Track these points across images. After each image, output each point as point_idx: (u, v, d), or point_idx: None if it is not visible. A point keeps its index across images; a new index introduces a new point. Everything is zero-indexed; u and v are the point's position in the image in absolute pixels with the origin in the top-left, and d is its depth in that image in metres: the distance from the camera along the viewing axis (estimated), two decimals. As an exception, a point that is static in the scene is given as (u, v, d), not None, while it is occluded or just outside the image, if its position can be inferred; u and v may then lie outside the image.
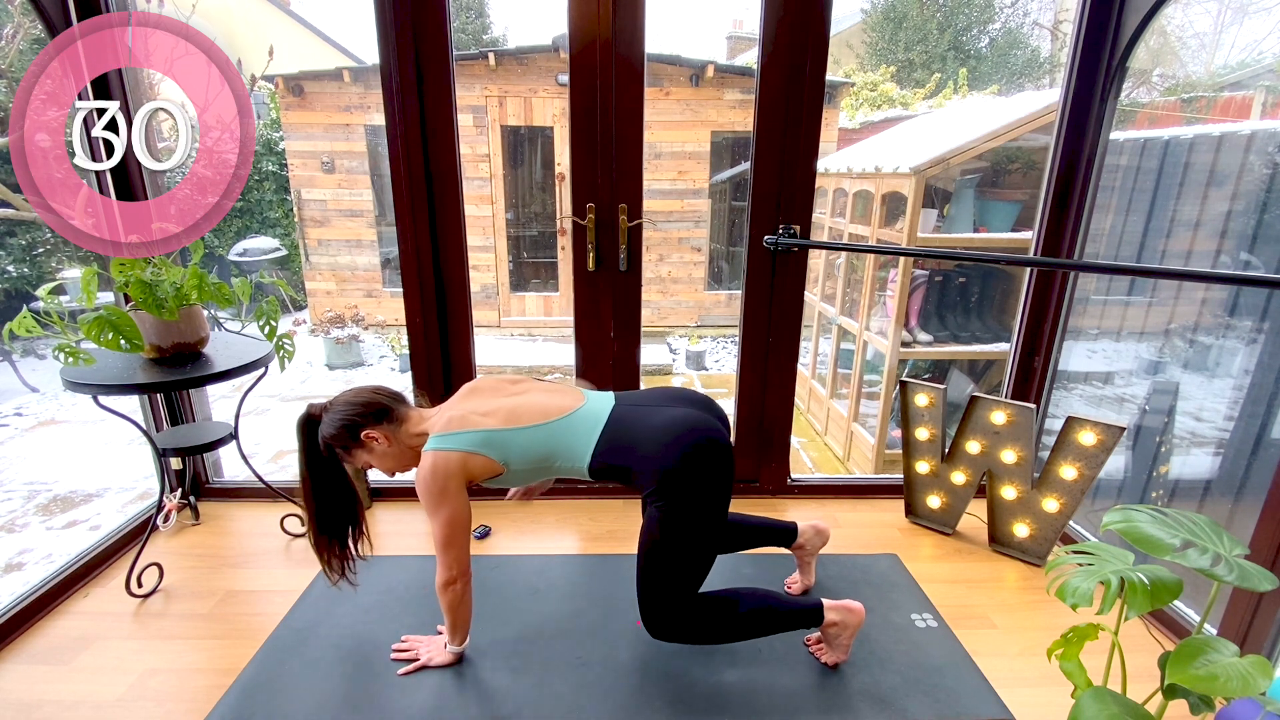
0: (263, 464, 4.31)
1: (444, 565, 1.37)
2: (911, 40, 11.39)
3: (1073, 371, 2.95)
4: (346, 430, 1.41)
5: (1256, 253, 2.20)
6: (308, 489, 1.47)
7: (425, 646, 1.50)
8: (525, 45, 6.96)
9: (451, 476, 1.35)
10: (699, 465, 1.33)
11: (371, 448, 1.42)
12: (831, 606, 1.45)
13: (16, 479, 4.11)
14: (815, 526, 1.74)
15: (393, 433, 1.43)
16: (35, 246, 5.96)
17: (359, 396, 1.46)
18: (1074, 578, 1.04)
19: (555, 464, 1.41)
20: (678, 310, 7.79)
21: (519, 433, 1.39)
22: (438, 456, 1.35)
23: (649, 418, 1.40)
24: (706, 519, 1.36)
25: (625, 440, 1.38)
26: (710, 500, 1.36)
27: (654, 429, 1.37)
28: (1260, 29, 5.97)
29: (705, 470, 1.34)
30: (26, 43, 4.17)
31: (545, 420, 1.41)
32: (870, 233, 4.22)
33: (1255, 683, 0.89)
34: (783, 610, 1.43)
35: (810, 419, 5.27)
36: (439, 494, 1.34)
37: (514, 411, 1.42)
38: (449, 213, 2.04)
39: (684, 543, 1.34)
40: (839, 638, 1.47)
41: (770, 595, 1.45)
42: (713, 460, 1.34)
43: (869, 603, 1.70)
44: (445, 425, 1.39)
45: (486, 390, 1.53)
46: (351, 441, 1.42)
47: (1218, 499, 2.18)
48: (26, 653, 1.56)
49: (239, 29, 10.21)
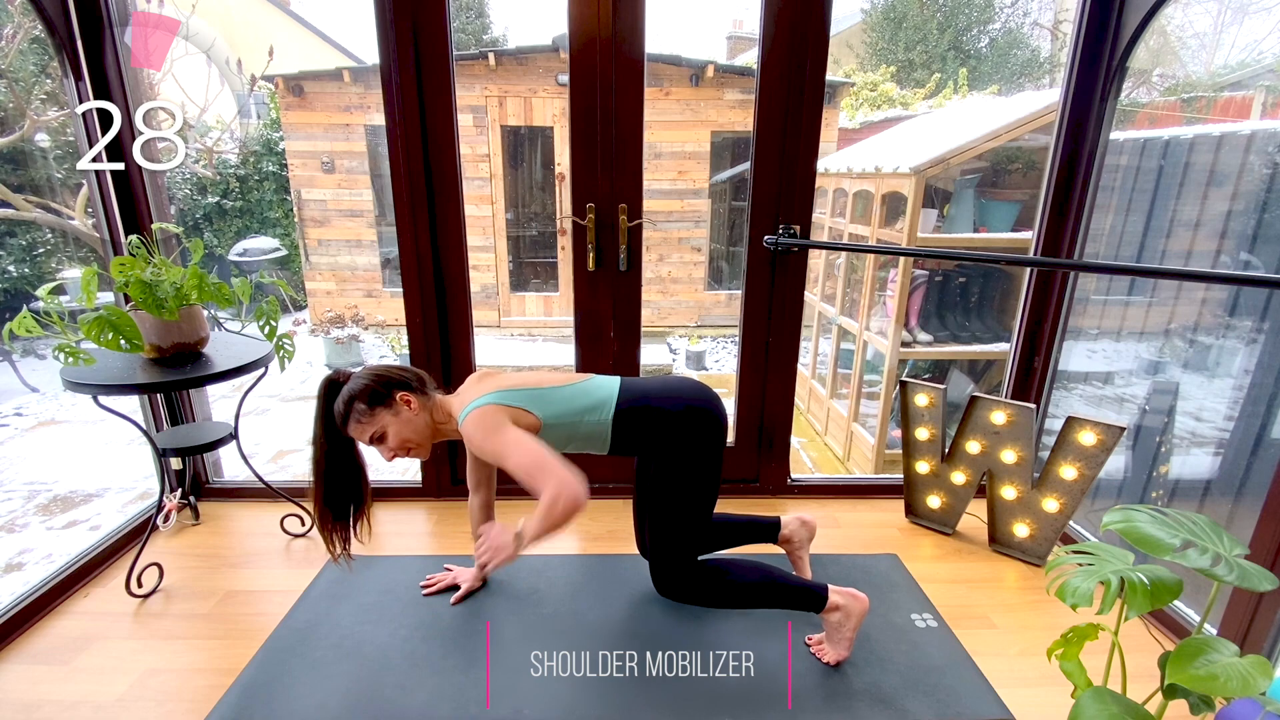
0: (263, 464, 4.31)
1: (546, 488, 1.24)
2: (911, 40, 11.38)
3: (1073, 371, 2.95)
4: (381, 385, 1.42)
5: (1256, 253, 2.20)
6: (320, 454, 1.46)
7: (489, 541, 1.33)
8: (525, 45, 6.96)
9: (500, 416, 1.36)
10: (712, 420, 1.45)
11: (399, 411, 1.42)
12: (837, 591, 1.47)
13: (16, 479, 4.10)
14: (800, 518, 1.75)
15: (424, 403, 1.46)
16: (35, 246, 5.96)
17: (398, 368, 1.49)
18: (1074, 578, 1.04)
19: (585, 418, 1.44)
20: (678, 310, 7.79)
21: (551, 391, 1.45)
22: (483, 409, 1.37)
23: (655, 382, 1.53)
24: (708, 475, 1.48)
25: (641, 395, 1.48)
26: (711, 460, 1.47)
27: (665, 385, 1.51)
28: (1260, 29, 5.97)
29: (711, 427, 1.45)
30: (26, 43, 4.17)
31: (569, 383, 1.49)
32: (870, 233, 4.22)
33: (1255, 683, 0.89)
34: (788, 585, 1.48)
35: (810, 419, 5.27)
36: (495, 429, 1.33)
37: (539, 381, 1.48)
38: (449, 213, 2.04)
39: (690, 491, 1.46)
40: (842, 628, 1.47)
41: (777, 570, 1.51)
42: (715, 423, 1.46)
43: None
44: (479, 392, 1.42)
45: (502, 374, 1.55)
46: (381, 400, 1.41)
47: (1218, 499, 2.18)
48: (26, 653, 1.56)
49: (239, 29, 10.21)
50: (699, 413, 1.45)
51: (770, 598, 1.48)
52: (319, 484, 1.48)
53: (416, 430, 1.44)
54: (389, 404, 1.42)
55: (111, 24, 1.84)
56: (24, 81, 5.04)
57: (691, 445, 1.45)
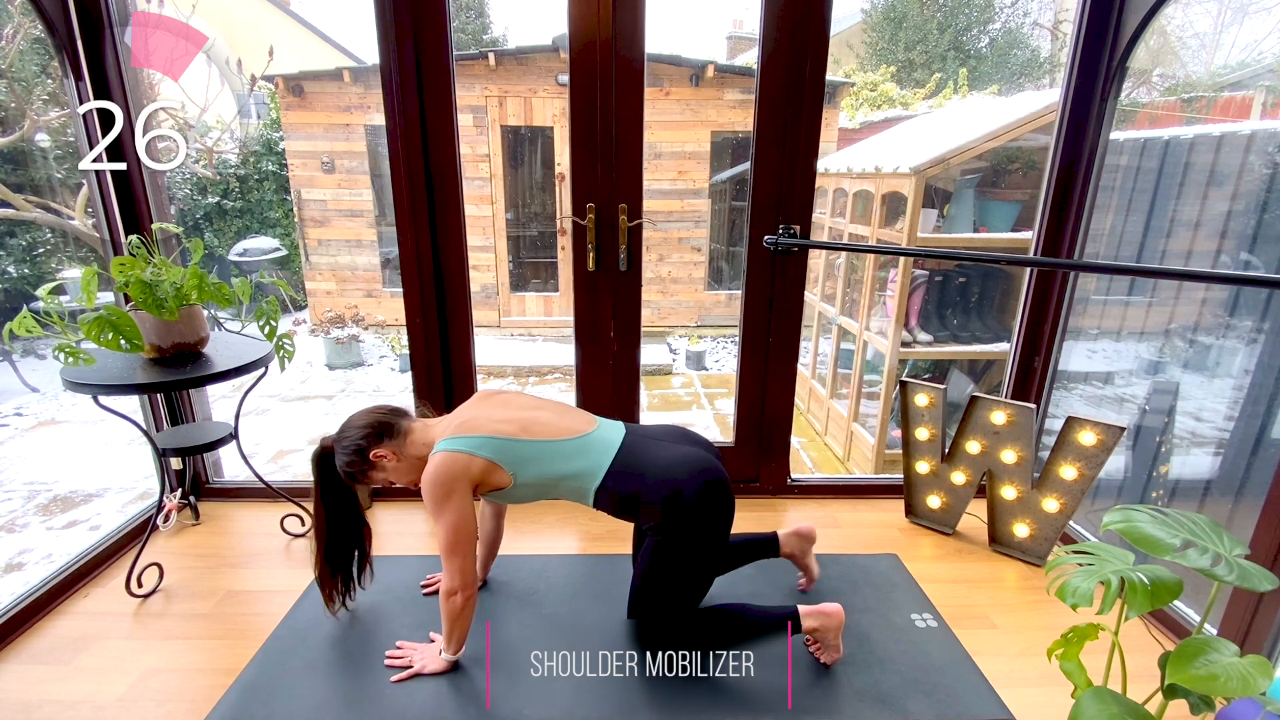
0: (263, 464, 4.31)
1: (448, 573, 1.35)
2: (911, 40, 11.38)
3: (1073, 371, 2.95)
4: (358, 455, 1.43)
5: (1256, 253, 2.20)
6: (320, 522, 1.50)
7: (419, 654, 1.48)
8: (525, 45, 6.96)
9: (458, 478, 1.34)
10: (708, 504, 1.37)
11: (383, 466, 1.44)
12: (808, 614, 1.46)
13: (16, 479, 4.11)
14: (796, 531, 1.72)
15: (398, 448, 1.44)
16: (35, 246, 5.96)
17: (360, 420, 1.47)
18: (1074, 578, 1.04)
19: (562, 483, 1.41)
20: (678, 310, 7.79)
21: (532, 445, 1.40)
22: (445, 456, 1.35)
23: (659, 450, 1.44)
24: (706, 555, 1.42)
25: (636, 468, 1.40)
26: (712, 538, 1.41)
27: (666, 461, 1.40)
28: (1260, 29, 5.97)
29: (713, 509, 1.38)
30: (26, 43, 4.17)
31: (559, 437, 1.42)
32: (870, 233, 4.22)
33: (1255, 683, 0.89)
34: (756, 620, 1.49)
35: (810, 419, 5.27)
36: (444, 495, 1.33)
37: (529, 424, 1.42)
38: (449, 213, 2.04)
39: (682, 573, 1.41)
40: (825, 639, 1.48)
41: (744, 607, 1.50)
42: (720, 501, 1.39)
43: (869, 603, 1.71)
44: (457, 429, 1.40)
45: (501, 400, 1.53)
46: (364, 465, 1.44)
47: (1218, 499, 2.18)
48: (26, 653, 1.56)
49: (239, 29, 10.21)
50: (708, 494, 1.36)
51: (742, 635, 1.51)
52: (321, 548, 1.51)
53: (407, 473, 1.46)
54: (372, 465, 1.44)
55: (111, 24, 1.84)
56: (24, 81, 5.04)
57: (693, 530, 1.37)
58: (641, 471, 1.39)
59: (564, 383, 6.23)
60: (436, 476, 1.33)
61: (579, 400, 2.25)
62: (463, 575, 1.34)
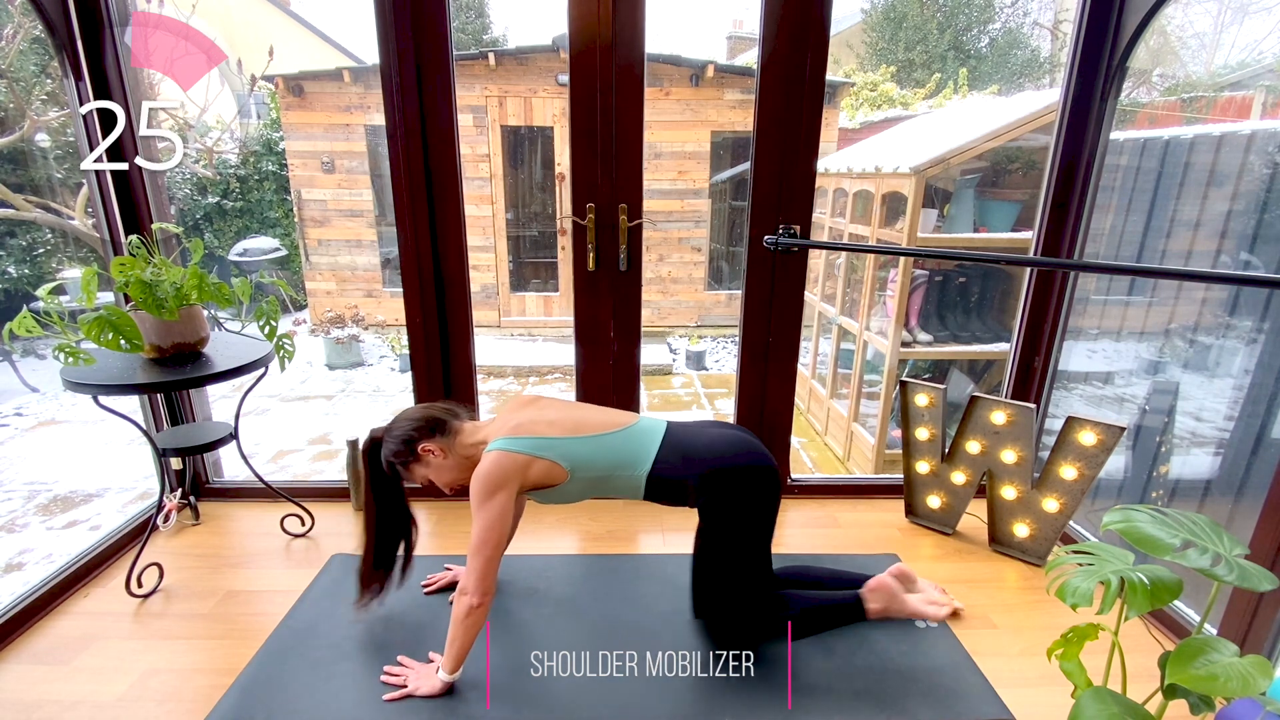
0: (263, 464, 4.31)
1: (469, 571, 1.33)
2: (911, 40, 11.39)
3: (1073, 371, 2.95)
4: (406, 446, 1.44)
5: (1256, 253, 2.20)
6: (370, 516, 1.52)
7: (415, 674, 1.43)
8: (525, 45, 6.97)
9: (510, 478, 1.35)
10: (752, 476, 1.41)
11: (428, 461, 1.45)
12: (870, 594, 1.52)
13: (16, 479, 4.11)
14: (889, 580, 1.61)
15: (448, 445, 1.46)
16: (35, 246, 5.96)
17: (414, 413, 1.49)
18: (1074, 578, 1.04)
19: (616, 473, 1.44)
20: (678, 310, 7.79)
21: (585, 441, 1.43)
22: (502, 455, 1.36)
23: (703, 434, 1.49)
24: (754, 534, 1.45)
25: (682, 451, 1.44)
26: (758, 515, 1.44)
27: (713, 439, 1.46)
28: (1260, 29, 5.97)
29: (756, 482, 1.41)
30: (26, 43, 4.17)
31: (609, 430, 1.46)
32: (870, 233, 4.22)
33: (1255, 683, 0.89)
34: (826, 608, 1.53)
35: (810, 419, 5.27)
36: (492, 489, 1.33)
37: (579, 423, 1.46)
38: (449, 213, 2.04)
39: (734, 555, 1.45)
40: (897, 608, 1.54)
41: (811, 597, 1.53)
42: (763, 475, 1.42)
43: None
44: (513, 430, 1.42)
45: (547, 404, 1.54)
46: (410, 458, 1.45)
47: (1218, 499, 2.18)
48: (26, 653, 1.56)
49: (239, 29, 10.22)
50: (747, 471, 1.41)
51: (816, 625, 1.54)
52: (370, 545, 1.53)
53: (451, 469, 1.47)
54: (418, 459, 1.46)
55: (111, 24, 1.84)
56: (24, 81, 5.04)
57: (740, 507, 1.42)
58: (687, 454, 1.44)
59: (564, 383, 6.23)
60: (490, 472, 1.34)
61: (579, 400, 2.25)
62: (480, 579, 1.32)
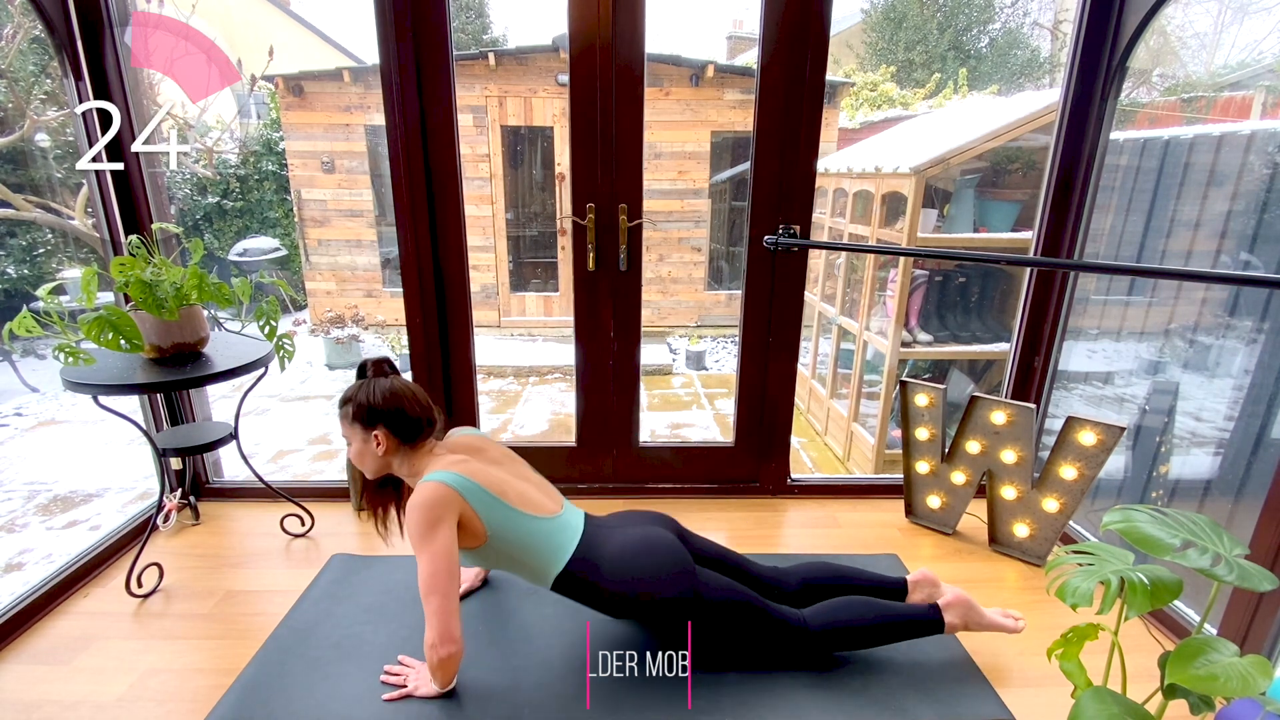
0: (263, 464, 4.31)
1: (428, 617, 1.26)
2: (911, 40, 11.39)
3: (1073, 371, 2.95)
4: (372, 414, 1.38)
5: (1256, 253, 2.20)
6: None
7: (416, 673, 1.41)
8: (525, 45, 6.97)
9: (448, 510, 1.28)
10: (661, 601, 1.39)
11: (369, 439, 1.39)
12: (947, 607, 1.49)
13: (16, 479, 4.11)
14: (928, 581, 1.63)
15: (395, 447, 1.40)
16: (35, 246, 5.96)
17: (409, 393, 1.41)
18: (1074, 578, 1.04)
19: (529, 559, 1.40)
20: (678, 310, 7.79)
21: (513, 514, 1.37)
22: (440, 486, 1.29)
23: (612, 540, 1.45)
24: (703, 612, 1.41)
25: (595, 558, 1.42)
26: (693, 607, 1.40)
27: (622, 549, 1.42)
28: (1260, 29, 5.96)
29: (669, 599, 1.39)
30: (26, 42, 4.17)
31: (536, 513, 1.41)
32: (870, 233, 4.22)
33: (1255, 683, 0.89)
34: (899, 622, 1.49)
35: (810, 419, 5.27)
36: (432, 521, 1.26)
37: (523, 495, 1.42)
38: (449, 213, 2.04)
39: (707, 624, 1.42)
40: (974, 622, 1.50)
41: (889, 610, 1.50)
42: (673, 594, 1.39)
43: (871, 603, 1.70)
44: (458, 466, 1.37)
45: (492, 456, 1.49)
46: (363, 422, 1.39)
47: (1218, 499, 2.18)
48: (26, 653, 1.56)
49: (239, 29, 10.21)
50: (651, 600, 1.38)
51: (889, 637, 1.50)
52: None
53: (368, 464, 1.42)
54: (366, 429, 1.40)
55: (111, 24, 1.84)
56: (24, 81, 5.04)
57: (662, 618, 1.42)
58: (598, 564, 1.40)
59: (564, 383, 6.23)
60: (427, 502, 1.27)
61: (580, 402, 2.25)
62: (443, 627, 1.25)
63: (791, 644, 1.44)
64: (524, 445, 2.61)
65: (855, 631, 1.46)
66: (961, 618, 1.49)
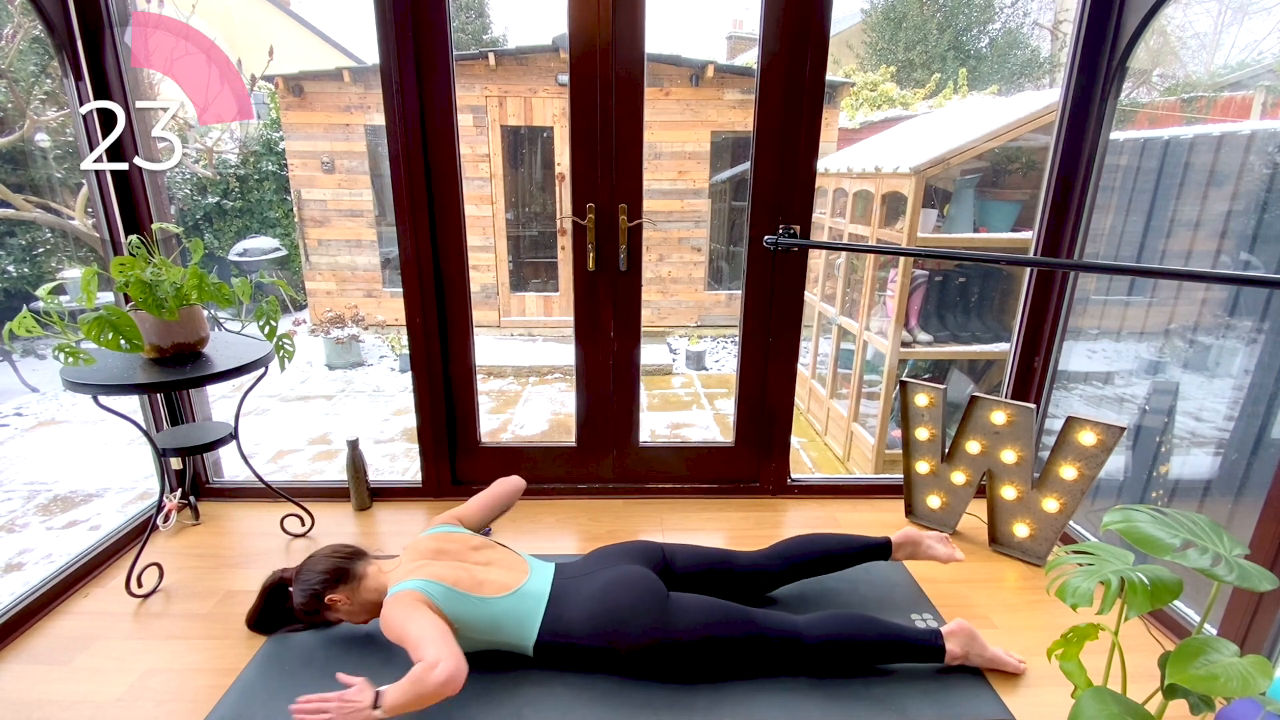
0: (263, 464, 4.32)
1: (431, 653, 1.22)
2: (911, 40, 11.40)
3: (1073, 371, 2.95)
4: (314, 599, 1.47)
5: (1256, 253, 2.20)
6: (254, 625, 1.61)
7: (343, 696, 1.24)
8: (525, 45, 6.97)
9: (418, 601, 1.34)
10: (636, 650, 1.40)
11: (336, 608, 1.47)
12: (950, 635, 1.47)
13: (16, 479, 4.11)
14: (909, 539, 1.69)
15: (352, 592, 1.47)
16: (35, 246, 5.97)
17: (319, 565, 1.50)
18: (1074, 578, 1.04)
19: (499, 638, 1.43)
20: (678, 310, 7.79)
21: (475, 603, 1.41)
22: (405, 592, 1.36)
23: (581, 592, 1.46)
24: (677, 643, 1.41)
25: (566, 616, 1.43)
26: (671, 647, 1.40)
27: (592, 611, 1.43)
28: (1260, 29, 5.96)
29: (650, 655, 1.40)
30: (26, 42, 4.17)
31: (497, 594, 1.44)
32: (870, 233, 4.22)
33: (1255, 683, 0.89)
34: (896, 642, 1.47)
35: (810, 419, 5.27)
36: (406, 618, 1.31)
37: (478, 581, 1.45)
38: (449, 213, 2.04)
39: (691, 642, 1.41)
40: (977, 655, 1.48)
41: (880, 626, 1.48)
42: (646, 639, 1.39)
43: (869, 604, 1.71)
44: (417, 572, 1.42)
45: (453, 553, 1.53)
46: (319, 607, 1.48)
47: (1218, 499, 2.19)
48: (26, 653, 1.56)
49: (239, 29, 10.22)
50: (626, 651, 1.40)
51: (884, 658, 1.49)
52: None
53: (359, 614, 1.49)
54: (327, 608, 1.48)
55: (111, 24, 1.84)
56: (24, 81, 5.04)
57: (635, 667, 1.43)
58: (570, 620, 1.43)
59: (564, 383, 6.24)
60: (395, 603, 1.34)
61: (580, 402, 2.25)
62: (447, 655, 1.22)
63: (783, 659, 1.44)
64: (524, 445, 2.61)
65: (853, 647, 1.45)
66: (963, 647, 1.47)
